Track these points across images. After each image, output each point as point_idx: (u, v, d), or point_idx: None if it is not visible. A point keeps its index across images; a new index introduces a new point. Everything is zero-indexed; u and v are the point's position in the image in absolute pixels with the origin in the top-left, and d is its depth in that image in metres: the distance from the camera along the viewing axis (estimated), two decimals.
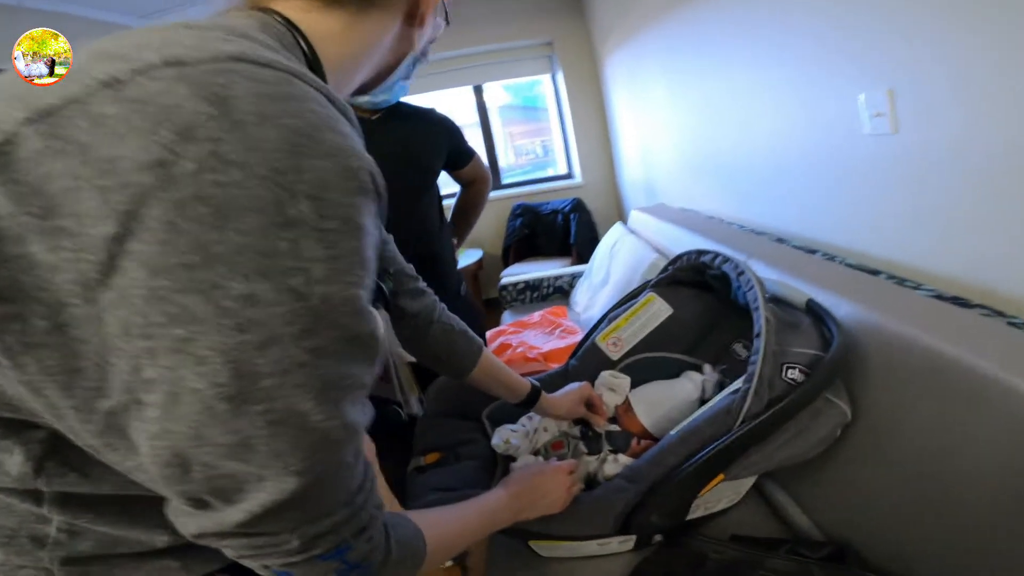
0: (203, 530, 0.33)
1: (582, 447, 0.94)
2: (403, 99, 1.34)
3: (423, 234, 1.28)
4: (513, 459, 0.95)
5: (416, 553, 0.46)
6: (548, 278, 2.61)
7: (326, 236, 0.27)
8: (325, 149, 0.28)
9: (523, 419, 1.04)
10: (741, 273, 0.80)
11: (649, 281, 1.11)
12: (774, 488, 1.01)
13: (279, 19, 0.40)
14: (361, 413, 0.35)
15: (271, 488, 0.31)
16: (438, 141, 1.31)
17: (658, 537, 0.81)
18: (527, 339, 2.09)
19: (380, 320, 0.40)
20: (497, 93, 4.14)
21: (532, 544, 0.83)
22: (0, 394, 0.30)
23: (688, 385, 0.92)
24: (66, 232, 0.25)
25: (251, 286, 0.26)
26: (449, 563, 0.89)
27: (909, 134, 0.89)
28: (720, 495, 0.86)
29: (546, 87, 3.81)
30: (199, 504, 0.32)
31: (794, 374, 0.70)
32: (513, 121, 4.49)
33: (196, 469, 0.30)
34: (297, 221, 0.26)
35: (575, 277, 2.58)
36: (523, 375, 0.93)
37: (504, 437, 0.94)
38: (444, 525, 0.55)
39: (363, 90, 0.53)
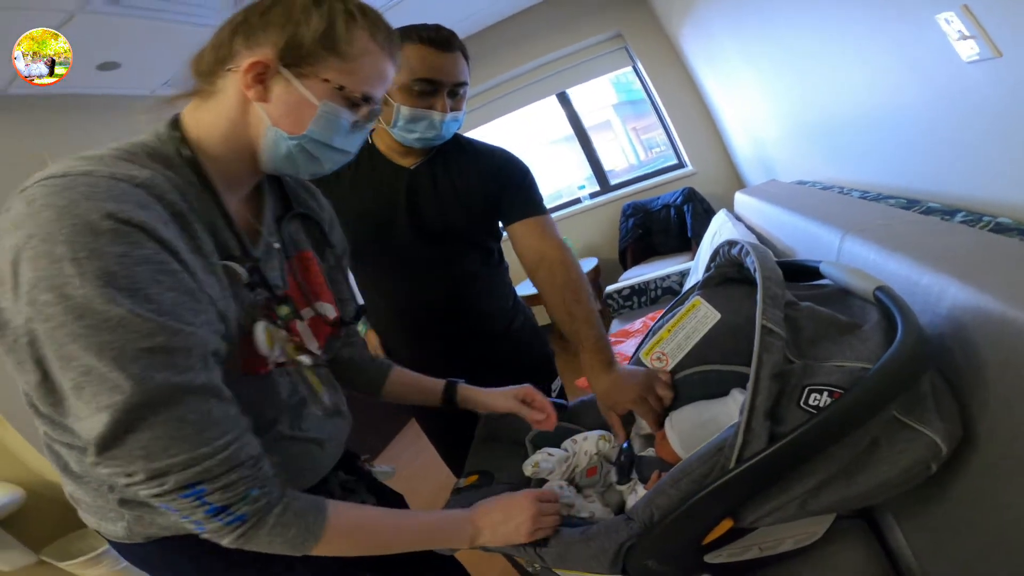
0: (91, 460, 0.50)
1: (613, 475, 0.85)
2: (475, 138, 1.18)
3: (461, 274, 1.15)
4: (543, 483, 0.90)
5: (307, 526, 0.56)
6: (655, 280, 2.43)
7: (78, 262, 0.44)
8: (77, 213, 0.45)
9: (566, 442, 0.98)
10: (756, 268, 0.64)
11: (697, 283, 0.96)
12: (891, 523, 0.80)
13: (171, 127, 0.58)
14: (201, 382, 0.49)
15: (97, 419, 0.46)
16: (484, 175, 1.09)
17: None
18: (624, 350, 1.97)
19: (260, 325, 0.59)
20: (607, 92, 4.00)
21: (556, 569, 0.78)
22: None
23: (731, 406, 0.77)
24: None
25: (45, 295, 0.44)
26: None
27: (1017, 52, 0.64)
28: (779, 534, 0.70)
29: (634, 80, 3.61)
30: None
31: (819, 399, 0.54)
32: (633, 117, 4.28)
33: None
34: (60, 257, 0.44)
35: (684, 275, 2.36)
36: None
37: (534, 460, 0.90)
38: (373, 519, 0.64)
39: (269, 166, 0.63)
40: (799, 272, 0.80)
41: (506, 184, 1.09)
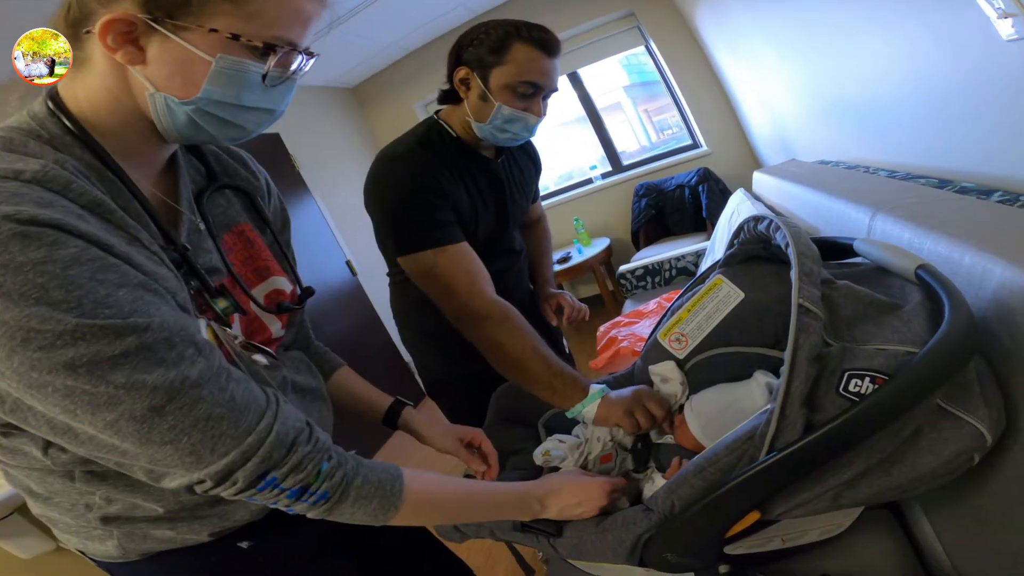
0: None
1: (629, 462, 0.81)
2: None
3: (522, 250, 1.27)
4: (555, 471, 0.87)
5: (386, 496, 0.54)
6: (669, 259, 2.37)
7: None
8: None
9: (577, 428, 0.95)
10: (788, 244, 0.60)
11: (718, 261, 0.91)
12: (919, 515, 0.76)
13: (47, 102, 0.49)
14: (192, 376, 0.43)
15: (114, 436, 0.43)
16: (529, 160, 1.25)
17: (723, 569, 0.68)
18: (638, 331, 1.93)
19: (201, 323, 0.52)
20: (618, 74, 3.90)
21: (570, 560, 0.76)
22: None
23: (755, 390, 0.73)
24: None
25: None
26: None
27: None
28: (804, 525, 0.67)
29: (646, 61, 3.51)
30: None
31: (860, 385, 0.50)
32: (644, 99, 4.16)
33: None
34: None
35: (700, 255, 2.30)
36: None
37: (545, 448, 0.87)
38: (447, 492, 0.62)
39: (178, 138, 0.54)
40: (830, 249, 0.75)
41: (540, 167, 1.29)
